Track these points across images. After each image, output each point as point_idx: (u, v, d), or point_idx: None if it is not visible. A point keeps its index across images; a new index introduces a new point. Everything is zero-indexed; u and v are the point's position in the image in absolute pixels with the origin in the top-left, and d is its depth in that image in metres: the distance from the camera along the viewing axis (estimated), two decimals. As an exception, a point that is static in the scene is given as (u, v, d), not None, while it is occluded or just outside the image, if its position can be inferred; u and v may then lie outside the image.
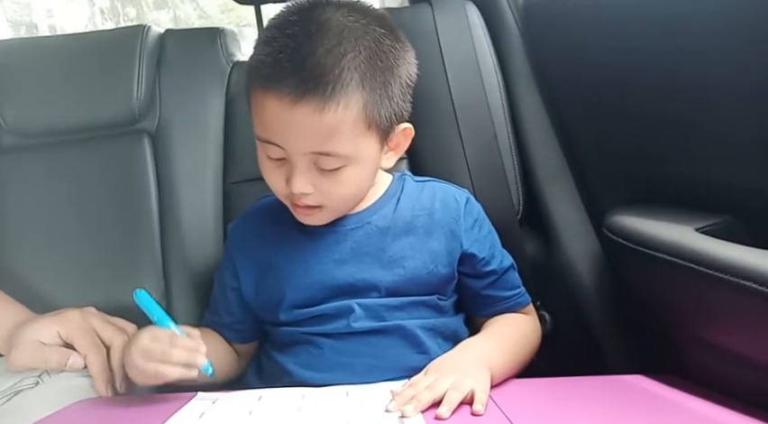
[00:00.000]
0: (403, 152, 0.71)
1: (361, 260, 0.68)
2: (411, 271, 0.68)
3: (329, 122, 0.58)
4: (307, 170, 0.61)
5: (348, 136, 0.59)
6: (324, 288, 0.68)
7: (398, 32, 0.65)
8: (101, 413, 0.65)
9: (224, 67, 0.99)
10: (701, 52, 0.65)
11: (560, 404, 0.59)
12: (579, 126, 0.88)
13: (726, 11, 0.61)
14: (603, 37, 0.78)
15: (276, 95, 0.58)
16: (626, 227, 0.72)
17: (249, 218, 0.77)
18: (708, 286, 0.59)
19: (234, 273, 0.74)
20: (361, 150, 0.62)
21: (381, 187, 0.74)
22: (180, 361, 0.60)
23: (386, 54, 0.61)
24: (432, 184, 0.76)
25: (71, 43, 1.05)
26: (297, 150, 0.60)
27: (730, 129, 0.65)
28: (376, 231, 0.69)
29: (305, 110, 0.57)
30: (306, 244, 0.70)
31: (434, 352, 0.67)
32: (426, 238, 0.70)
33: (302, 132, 0.59)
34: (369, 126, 0.61)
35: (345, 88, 0.57)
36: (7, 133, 0.96)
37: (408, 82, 0.65)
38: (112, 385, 0.69)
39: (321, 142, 0.59)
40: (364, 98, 0.59)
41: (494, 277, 0.73)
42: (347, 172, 0.62)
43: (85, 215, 0.92)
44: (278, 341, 0.72)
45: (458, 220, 0.71)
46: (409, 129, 0.69)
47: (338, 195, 0.64)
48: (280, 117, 0.58)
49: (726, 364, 0.61)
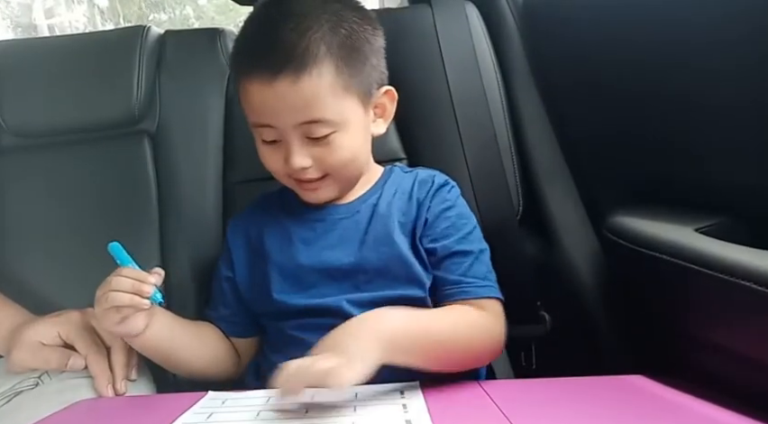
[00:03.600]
0: (391, 117, 0.74)
1: (347, 245, 0.71)
2: (395, 249, 0.69)
3: (307, 90, 0.63)
4: (301, 144, 0.66)
5: (328, 101, 0.64)
6: (311, 271, 0.70)
7: (357, 4, 0.71)
8: (106, 414, 0.65)
9: (224, 67, 0.99)
10: (701, 52, 0.65)
11: (560, 404, 0.59)
12: (578, 126, 0.88)
13: (726, 11, 0.61)
14: (603, 37, 0.78)
15: (256, 78, 0.64)
16: (626, 227, 0.72)
17: (247, 212, 0.80)
18: (707, 286, 0.59)
19: (230, 263, 0.77)
20: (346, 114, 0.66)
21: (372, 178, 0.77)
22: (126, 286, 0.62)
23: (348, 23, 0.66)
24: (417, 171, 0.78)
25: (71, 44, 1.05)
26: (287, 124, 0.65)
27: (730, 129, 0.65)
28: (362, 219, 0.72)
29: (283, 84, 0.63)
30: (297, 231, 0.73)
31: None
32: (404, 220, 0.72)
33: (286, 105, 0.64)
34: (345, 89, 0.65)
35: (314, 58, 0.63)
36: (7, 133, 0.96)
37: (379, 47, 0.71)
38: (113, 385, 0.69)
39: (305, 111, 0.64)
40: (335, 64, 0.64)
41: (434, 258, 0.71)
42: (338, 138, 0.66)
43: (84, 215, 0.92)
44: (273, 339, 0.73)
45: (427, 194, 0.73)
46: (391, 91, 0.73)
47: (337, 161, 0.68)
48: (264, 96, 0.64)
49: (726, 364, 0.61)
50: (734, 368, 0.60)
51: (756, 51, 0.59)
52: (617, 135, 0.81)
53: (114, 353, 0.70)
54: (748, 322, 0.57)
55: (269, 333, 0.74)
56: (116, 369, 0.70)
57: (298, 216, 0.74)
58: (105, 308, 0.63)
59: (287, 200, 0.76)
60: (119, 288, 0.62)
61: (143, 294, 0.62)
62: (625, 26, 0.74)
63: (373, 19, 0.71)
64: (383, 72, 0.72)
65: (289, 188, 0.74)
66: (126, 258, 0.66)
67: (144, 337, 0.66)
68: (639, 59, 0.72)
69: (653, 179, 0.77)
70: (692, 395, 0.59)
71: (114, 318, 0.63)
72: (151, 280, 0.63)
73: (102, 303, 0.63)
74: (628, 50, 0.74)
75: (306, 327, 0.68)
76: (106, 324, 0.64)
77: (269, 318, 0.73)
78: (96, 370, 0.69)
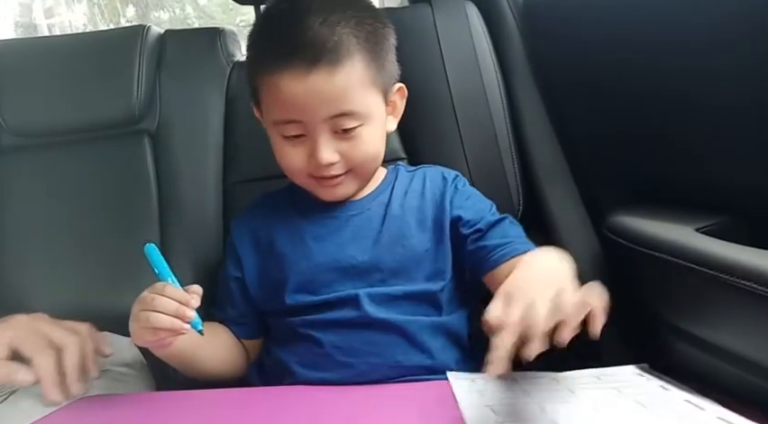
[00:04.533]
0: (400, 114, 0.76)
1: (361, 243, 0.71)
2: (410, 250, 0.70)
3: (341, 82, 0.64)
4: (330, 138, 0.66)
5: (359, 93, 0.66)
6: (327, 269, 0.70)
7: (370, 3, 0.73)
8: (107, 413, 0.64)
9: (224, 67, 1.00)
10: (701, 52, 0.65)
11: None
12: (578, 126, 0.88)
13: (726, 10, 0.61)
14: (603, 37, 0.78)
15: (288, 72, 0.63)
16: (626, 227, 0.72)
17: (251, 211, 0.79)
18: (707, 286, 0.59)
19: (237, 263, 0.76)
20: (372, 108, 0.68)
21: (379, 177, 0.77)
22: (169, 309, 0.58)
23: (369, 19, 0.67)
24: (423, 169, 0.80)
25: (71, 43, 1.05)
26: (317, 118, 0.65)
27: (730, 129, 0.65)
28: (374, 216, 0.73)
29: (319, 77, 0.63)
30: (308, 229, 0.73)
31: (436, 351, 0.67)
32: (420, 217, 0.73)
33: (321, 97, 0.64)
34: (373, 82, 0.67)
35: (347, 50, 0.64)
36: (7, 133, 0.96)
37: (393, 45, 0.72)
38: (63, 388, 0.64)
39: (338, 103, 0.65)
40: (363, 57, 0.65)
41: (479, 233, 0.71)
42: (364, 132, 0.67)
43: (84, 215, 0.92)
44: (280, 336, 0.72)
45: (444, 191, 0.75)
46: (403, 88, 0.74)
47: (362, 155, 0.69)
48: (297, 91, 0.64)
49: (725, 364, 0.61)
50: (733, 368, 0.60)
51: (756, 51, 0.59)
52: (617, 135, 0.81)
53: (65, 354, 0.65)
54: (748, 322, 0.57)
55: (275, 329, 0.74)
56: (69, 370, 0.64)
57: (309, 214, 0.74)
58: (142, 327, 0.59)
59: (295, 199, 0.76)
60: (162, 309, 0.59)
61: (185, 319, 0.59)
62: (625, 26, 0.74)
63: (385, 17, 0.72)
64: (397, 70, 0.73)
65: (297, 186, 0.73)
66: (165, 268, 0.63)
67: (171, 349, 0.64)
68: (639, 58, 0.72)
69: (653, 179, 0.77)
70: (692, 395, 0.59)
71: (149, 338, 0.60)
72: (194, 303, 0.60)
73: (140, 320, 0.59)
74: (628, 49, 0.74)
75: (317, 324, 0.68)
76: (138, 340, 0.61)
77: (278, 315, 0.72)
78: (42, 371, 0.63)
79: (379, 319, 0.67)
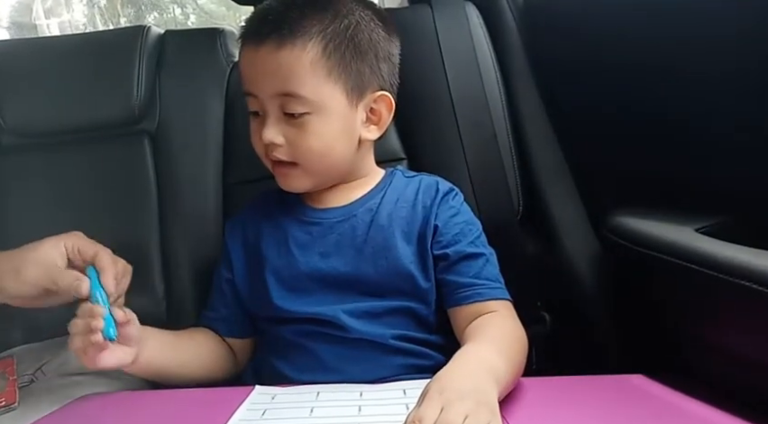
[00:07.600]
0: (386, 125, 0.73)
1: (344, 253, 0.70)
2: (393, 263, 0.69)
3: (286, 60, 0.64)
4: (277, 118, 0.67)
5: (308, 78, 0.65)
6: (309, 279, 0.69)
7: (379, 9, 0.72)
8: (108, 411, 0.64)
9: (224, 67, 0.99)
10: (701, 52, 0.65)
11: (559, 404, 0.59)
12: (578, 126, 0.88)
13: (726, 10, 0.61)
14: (602, 37, 0.78)
15: (247, 44, 0.67)
16: (626, 227, 0.72)
17: (245, 212, 0.79)
18: (708, 286, 0.59)
19: (229, 264, 0.76)
20: (324, 99, 0.66)
21: (372, 181, 0.75)
22: (79, 328, 0.59)
23: (356, 17, 0.68)
24: (420, 177, 0.76)
25: (71, 43, 1.05)
26: (264, 92, 0.66)
27: (730, 129, 0.65)
28: (361, 224, 0.71)
29: (266, 49, 0.65)
30: (293, 233, 0.72)
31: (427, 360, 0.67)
32: (407, 229, 0.71)
33: (265, 71, 0.66)
34: (329, 74, 0.66)
35: (303, 32, 0.65)
36: (7, 133, 0.96)
37: (389, 53, 0.71)
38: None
39: (282, 81, 0.65)
40: (325, 46, 0.65)
41: (446, 262, 0.69)
42: (312, 122, 0.66)
43: (84, 215, 0.92)
44: (272, 342, 0.72)
45: (433, 201, 0.72)
46: (389, 98, 0.71)
47: (307, 147, 0.67)
48: (249, 62, 0.68)
49: (726, 365, 0.61)
50: (733, 368, 0.60)
51: (756, 51, 0.59)
52: (616, 135, 0.81)
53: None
54: (748, 322, 0.57)
55: (269, 336, 0.73)
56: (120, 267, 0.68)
57: (295, 216, 0.74)
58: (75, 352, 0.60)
59: (284, 200, 0.76)
60: (75, 331, 0.60)
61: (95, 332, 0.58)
62: (625, 26, 0.74)
63: (390, 27, 0.72)
64: (385, 79, 0.71)
65: None
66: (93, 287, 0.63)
67: (139, 365, 0.64)
68: (639, 59, 0.72)
69: (653, 179, 0.77)
70: (691, 395, 0.59)
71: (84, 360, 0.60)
72: (100, 311, 0.59)
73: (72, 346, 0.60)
74: (629, 50, 0.74)
75: (308, 334, 0.68)
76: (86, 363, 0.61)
77: (269, 322, 0.72)
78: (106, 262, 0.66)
79: (364, 334, 0.67)
